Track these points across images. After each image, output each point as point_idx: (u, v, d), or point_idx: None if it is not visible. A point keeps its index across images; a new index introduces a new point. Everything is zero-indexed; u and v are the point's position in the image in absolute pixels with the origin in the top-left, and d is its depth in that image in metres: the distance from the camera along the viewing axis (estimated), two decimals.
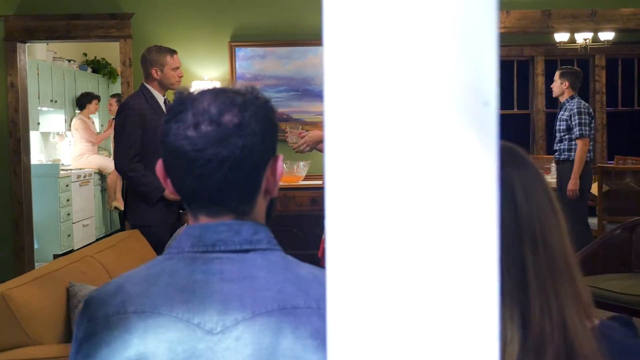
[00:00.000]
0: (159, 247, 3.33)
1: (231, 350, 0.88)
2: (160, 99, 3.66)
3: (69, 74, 7.22)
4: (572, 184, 4.97)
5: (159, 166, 0.98)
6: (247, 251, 0.94)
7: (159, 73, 3.62)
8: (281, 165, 1.01)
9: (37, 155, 7.05)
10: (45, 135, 7.28)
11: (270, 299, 0.91)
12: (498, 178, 0.95)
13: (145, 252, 3.28)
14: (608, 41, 6.50)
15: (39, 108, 6.67)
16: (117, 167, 3.64)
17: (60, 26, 4.79)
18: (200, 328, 0.90)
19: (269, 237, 0.98)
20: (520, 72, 8.50)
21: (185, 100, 0.96)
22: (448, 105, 0.55)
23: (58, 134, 7.34)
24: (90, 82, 7.75)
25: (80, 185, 6.76)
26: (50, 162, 6.86)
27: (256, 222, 0.98)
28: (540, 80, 8.36)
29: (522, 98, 8.56)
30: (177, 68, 3.65)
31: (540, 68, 8.37)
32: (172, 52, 3.68)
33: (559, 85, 5.12)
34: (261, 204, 1.00)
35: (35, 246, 5.69)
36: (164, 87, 3.65)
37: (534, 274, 0.86)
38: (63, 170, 6.66)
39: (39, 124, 6.69)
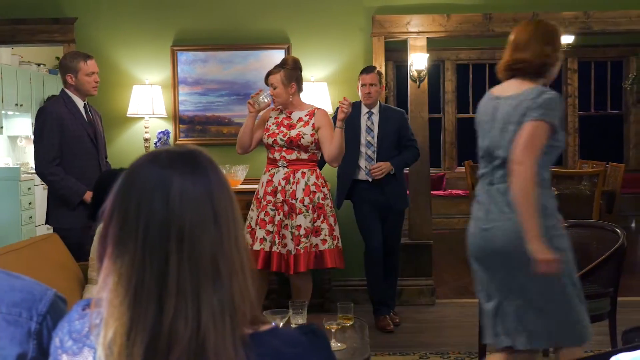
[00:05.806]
0: (79, 251, 3.33)
1: None
2: (79, 103, 3.68)
3: (36, 77, 7.28)
4: None
5: None
6: None
7: (73, 79, 3.64)
8: None
9: (4, 159, 7.11)
10: (12, 139, 7.34)
11: None
12: (152, 174, 0.96)
13: (61, 256, 3.28)
14: (569, 44, 6.46)
15: (3, 112, 6.73)
16: (37, 171, 3.67)
17: (5, 31, 4.84)
18: None
19: None
20: (492, 75, 8.42)
21: None
22: None
23: (26, 137, 7.39)
24: (59, 86, 7.79)
25: (44, 189, 6.80)
26: (17, 166, 6.91)
27: None
28: None
29: None
30: (93, 73, 3.63)
31: None
32: (87, 57, 3.66)
33: None
34: None
35: None
36: (81, 92, 3.66)
37: (175, 272, 0.87)
38: (26, 173, 6.71)
39: (1, 127, 6.75)
